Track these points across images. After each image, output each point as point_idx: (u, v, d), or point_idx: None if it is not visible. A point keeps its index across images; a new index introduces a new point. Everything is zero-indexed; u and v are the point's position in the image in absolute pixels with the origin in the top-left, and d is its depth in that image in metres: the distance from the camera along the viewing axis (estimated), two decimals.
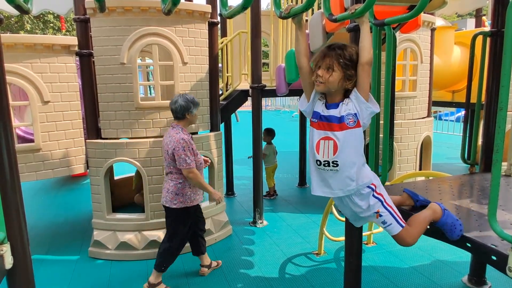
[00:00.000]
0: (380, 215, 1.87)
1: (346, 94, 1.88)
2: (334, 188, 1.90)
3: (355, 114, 1.85)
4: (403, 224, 1.85)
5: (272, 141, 5.08)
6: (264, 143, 4.60)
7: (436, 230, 1.62)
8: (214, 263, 3.17)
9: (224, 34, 4.96)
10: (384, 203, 1.88)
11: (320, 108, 1.94)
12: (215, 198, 2.91)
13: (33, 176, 3.14)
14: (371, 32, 1.96)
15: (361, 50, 1.79)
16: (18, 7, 1.16)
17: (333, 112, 1.89)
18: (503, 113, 1.24)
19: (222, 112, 3.98)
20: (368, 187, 1.87)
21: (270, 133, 5.06)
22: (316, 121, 1.94)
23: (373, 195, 1.88)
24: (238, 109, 5.29)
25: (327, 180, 1.92)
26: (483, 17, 6.67)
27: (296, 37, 1.93)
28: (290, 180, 5.94)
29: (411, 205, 1.98)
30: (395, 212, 1.87)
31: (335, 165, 1.87)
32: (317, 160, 1.93)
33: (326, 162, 1.89)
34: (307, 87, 1.98)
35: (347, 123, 1.85)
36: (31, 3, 1.20)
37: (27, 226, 1.56)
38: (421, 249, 3.39)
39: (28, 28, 19.62)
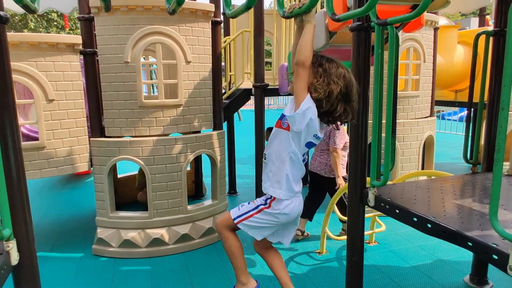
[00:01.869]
0: (242, 205, 2.11)
1: None
2: (263, 180, 2.08)
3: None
4: (236, 220, 2.06)
5: None
6: (266, 142, 4.59)
7: (437, 229, 1.63)
8: (306, 233, 3.69)
9: (227, 33, 4.97)
10: (258, 211, 2.05)
11: (286, 107, 2.06)
12: (338, 182, 3.36)
13: (38, 174, 3.17)
14: (373, 31, 1.97)
15: (296, 50, 1.81)
16: (25, 6, 1.18)
17: (285, 111, 1.99)
18: (504, 113, 1.25)
19: (225, 111, 3.99)
20: (268, 197, 2.06)
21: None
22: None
23: (260, 202, 2.07)
24: (241, 108, 5.31)
25: (263, 173, 2.10)
26: (487, 16, 6.64)
27: (295, 37, 1.96)
28: None
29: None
30: (248, 215, 2.06)
31: (265, 158, 2.05)
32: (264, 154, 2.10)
33: (264, 154, 2.09)
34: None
35: (282, 123, 1.96)
36: (38, 3, 1.22)
37: (32, 223, 1.58)
38: (423, 248, 3.40)
39: (32, 27, 19.70)
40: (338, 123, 1.97)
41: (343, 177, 3.37)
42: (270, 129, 5.02)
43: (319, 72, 1.85)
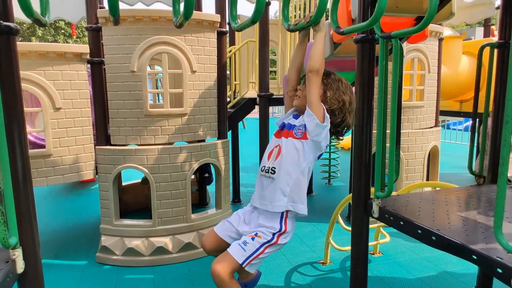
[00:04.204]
0: (247, 241, 1.83)
1: None
2: (266, 198, 1.85)
3: (304, 125, 1.86)
4: (244, 264, 1.81)
5: None
6: None
7: (441, 242, 1.62)
8: None
9: (232, 42, 5.01)
10: (264, 245, 1.82)
11: (288, 119, 1.97)
12: None
13: (44, 181, 3.20)
14: (377, 43, 1.99)
15: (308, 58, 1.79)
16: (36, 20, 1.21)
17: (291, 121, 1.92)
18: (509, 126, 1.25)
19: (229, 120, 4.02)
20: (279, 224, 1.83)
21: None
22: (277, 129, 1.97)
23: (272, 233, 1.83)
24: (245, 116, 5.34)
25: (264, 189, 1.87)
26: (492, 27, 6.65)
27: (295, 50, 1.97)
28: None
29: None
30: (256, 256, 1.81)
31: (273, 172, 1.84)
32: (262, 167, 1.92)
33: (268, 168, 1.86)
34: (288, 98, 2.02)
35: (295, 133, 1.86)
36: (48, 16, 1.25)
37: (38, 231, 1.60)
38: (428, 260, 3.37)
39: (40, 34, 19.98)
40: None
41: None
42: None
43: (329, 84, 1.84)
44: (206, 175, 4.67)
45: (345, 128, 1.92)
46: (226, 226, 2.04)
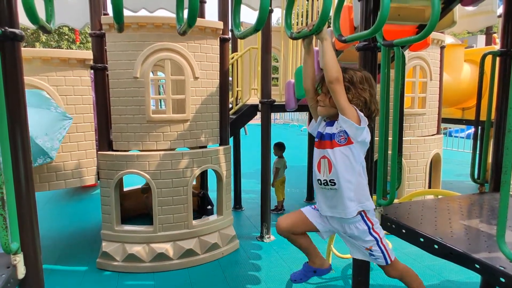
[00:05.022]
0: (371, 251, 1.94)
1: None
2: (338, 207, 1.91)
3: (345, 131, 1.86)
4: (389, 261, 1.95)
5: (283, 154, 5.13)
6: (275, 157, 4.65)
7: (444, 250, 1.61)
8: None
9: (234, 49, 5.04)
10: (380, 242, 1.93)
11: (322, 127, 1.97)
12: None
13: (45, 186, 3.20)
14: (379, 51, 1.99)
15: (324, 70, 1.79)
16: (42, 27, 1.22)
17: (328, 130, 1.92)
18: (511, 135, 1.25)
19: (231, 126, 4.02)
20: (365, 222, 1.91)
21: (281, 147, 5.12)
22: (317, 140, 1.98)
23: (370, 233, 1.92)
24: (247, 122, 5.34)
25: (330, 200, 1.93)
26: (494, 35, 6.67)
27: (304, 60, 1.96)
28: (298, 194, 5.93)
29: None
30: (386, 250, 1.94)
31: (333, 184, 1.88)
32: (318, 179, 1.94)
33: (325, 181, 1.91)
34: (314, 109, 2.01)
35: (338, 141, 1.86)
36: (53, 23, 1.26)
37: (39, 237, 1.59)
38: (431, 268, 3.35)
39: (44, 40, 20.11)
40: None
41: None
42: (277, 145, 5.10)
43: (346, 86, 1.84)
44: (209, 207, 4.68)
45: (375, 115, 1.94)
46: (314, 213, 2.08)
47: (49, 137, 2.73)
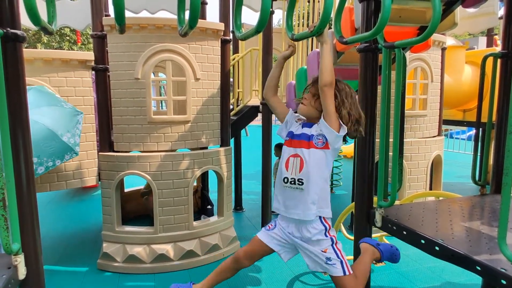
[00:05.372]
0: (327, 257, 1.96)
1: None
2: (295, 207, 1.95)
3: (324, 135, 1.91)
4: (347, 272, 1.94)
5: None
6: (275, 158, 4.67)
7: (445, 252, 1.61)
8: None
9: (235, 50, 5.04)
10: (335, 244, 1.98)
11: (295, 128, 2.01)
12: None
13: (46, 187, 3.20)
14: (380, 53, 1.99)
15: (319, 72, 1.83)
16: (44, 29, 1.22)
17: (305, 131, 1.95)
18: None
19: (232, 127, 4.02)
20: (322, 223, 1.97)
21: (282, 148, 5.11)
22: (288, 139, 2.02)
23: (325, 234, 1.98)
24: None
25: (292, 200, 1.96)
26: (495, 36, 6.66)
27: (272, 70, 2.05)
28: None
29: None
30: (343, 257, 1.96)
31: (301, 183, 1.91)
32: (284, 178, 1.98)
33: (293, 180, 1.95)
34: (281, 115, 2.08)
35: (315, 143, 1.92)
36: (55, 24, 1.26)
37: (40, 237, 1.60)
38: (431, 270, 3.34)
39: (45, 41, 20.15)
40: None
41: None
42: (278, 146, 5.13)
43: (335, 93, 1.89)
44: (209, 207, 4.69)
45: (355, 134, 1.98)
46: (268, 234, 2.16)
47: (71, 134, 2.78)
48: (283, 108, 2.09)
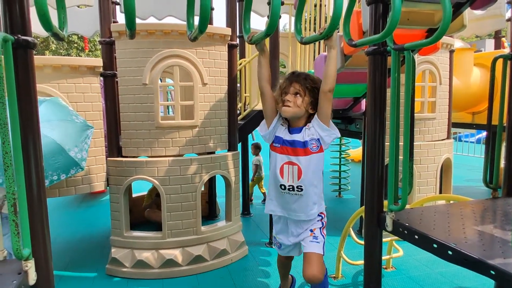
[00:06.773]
0: (314, 234, 2.10)
1: (309, 119, 1.97)
2: (297, 211, 2.03)
3: (318, 139, 1.94)
4: (323, 253, 2.09)
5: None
6: (253, 156, 5.38)
7: (458, 256, 1.59)
8: None
9: (242, 55, 5.06)
10: (322, 230, 2.10)
11: (283, 133, 2.02)
12: None
13: (56, 192, 3.22)
14: (389, 55, 1.98)
15: (325, 77, 1.85)
16: (55, 34, 1.23)
17: (296, 137, 1.97)
18: None
19: (239, 132, 4.02)
20: (319, 215, 2.11)
21: (258, 147, 5.76)
22: (279, 145, 2.03)
23: (320, 221, 2.11)
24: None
25: (292, 204, 2.03)
26: (503, 38, 6.61)
27: (258, 62, 2.02)
28: None
29: None
30: (324, 241, 2.10)
31: (300, 190, 1.97)
32: (281, 185, 2.01)
33: (291, 187, 2.00)
34: (269, 112, 2.07)
35: (311, 148, 1.95)
36: (66, 30, 1.27)
37: (50, 243, 1.60)
38: (443, 275, 3.29)
39: (53, 48, 20.41)
40: None
41: None
42: (255, 145, 5.61)
43: (315, 91, 2.00)
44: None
45: None
46: (281, 249, 2.32)
47: (78, 148, 2.82)
48: (272, 105, 2.08)
